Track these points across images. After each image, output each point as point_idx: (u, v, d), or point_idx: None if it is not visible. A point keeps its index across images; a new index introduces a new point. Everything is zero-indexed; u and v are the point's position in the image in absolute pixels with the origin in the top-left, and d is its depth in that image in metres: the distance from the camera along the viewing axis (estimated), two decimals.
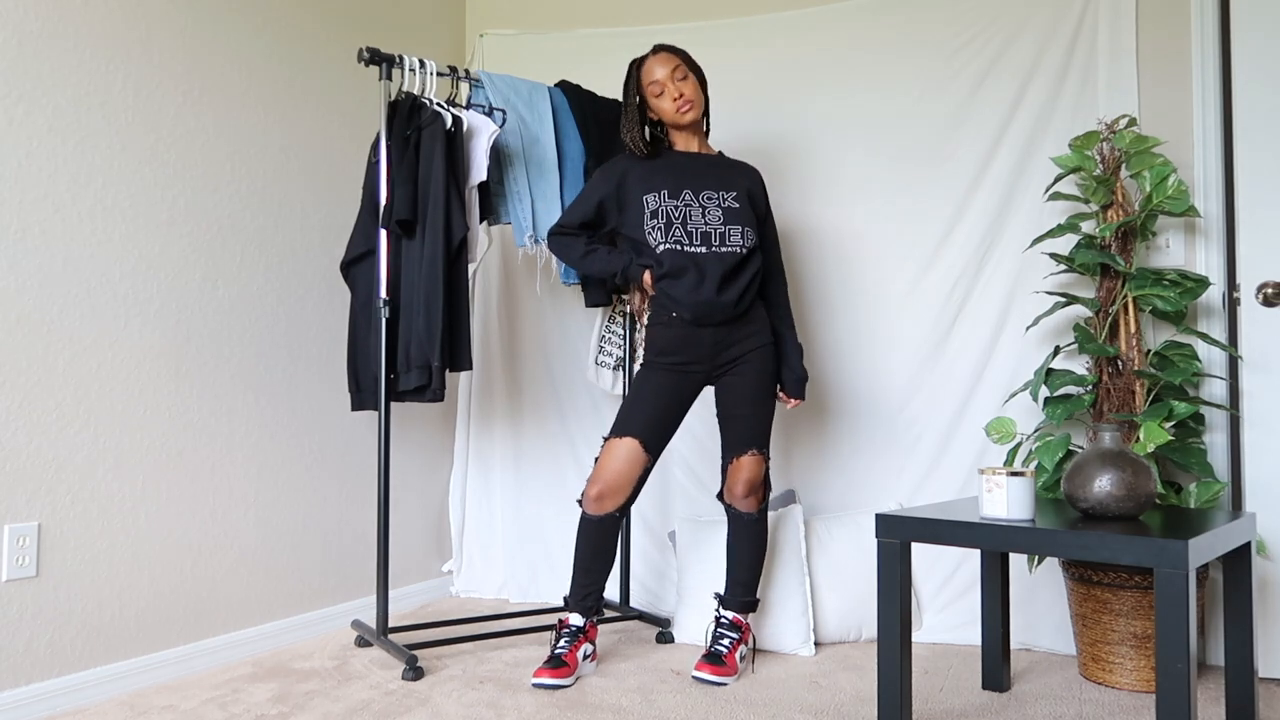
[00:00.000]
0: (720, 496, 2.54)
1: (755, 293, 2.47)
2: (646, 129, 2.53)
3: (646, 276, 2.42)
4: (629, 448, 2.38)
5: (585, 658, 2.44)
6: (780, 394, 2.54)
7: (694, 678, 2.37)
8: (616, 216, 2.50)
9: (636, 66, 2.49)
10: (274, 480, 2.71)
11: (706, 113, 2.56)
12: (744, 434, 2.46)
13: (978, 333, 2.87)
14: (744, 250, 2.42)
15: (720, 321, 2.41)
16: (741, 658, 2.48)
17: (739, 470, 2.46)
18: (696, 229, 2.40)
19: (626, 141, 2.49)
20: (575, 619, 2.44)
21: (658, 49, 2.48)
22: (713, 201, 2.44)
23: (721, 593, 2.58)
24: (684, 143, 2.52)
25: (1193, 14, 2.65)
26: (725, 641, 2.45)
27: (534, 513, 3.36)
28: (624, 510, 2.43)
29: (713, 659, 2.39)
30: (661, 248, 2.39)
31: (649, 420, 2.39)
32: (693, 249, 2.39)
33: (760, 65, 3.19)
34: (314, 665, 2.51)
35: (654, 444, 2.41)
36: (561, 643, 2.40)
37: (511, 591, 3.32)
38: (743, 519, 2.50)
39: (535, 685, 2.31)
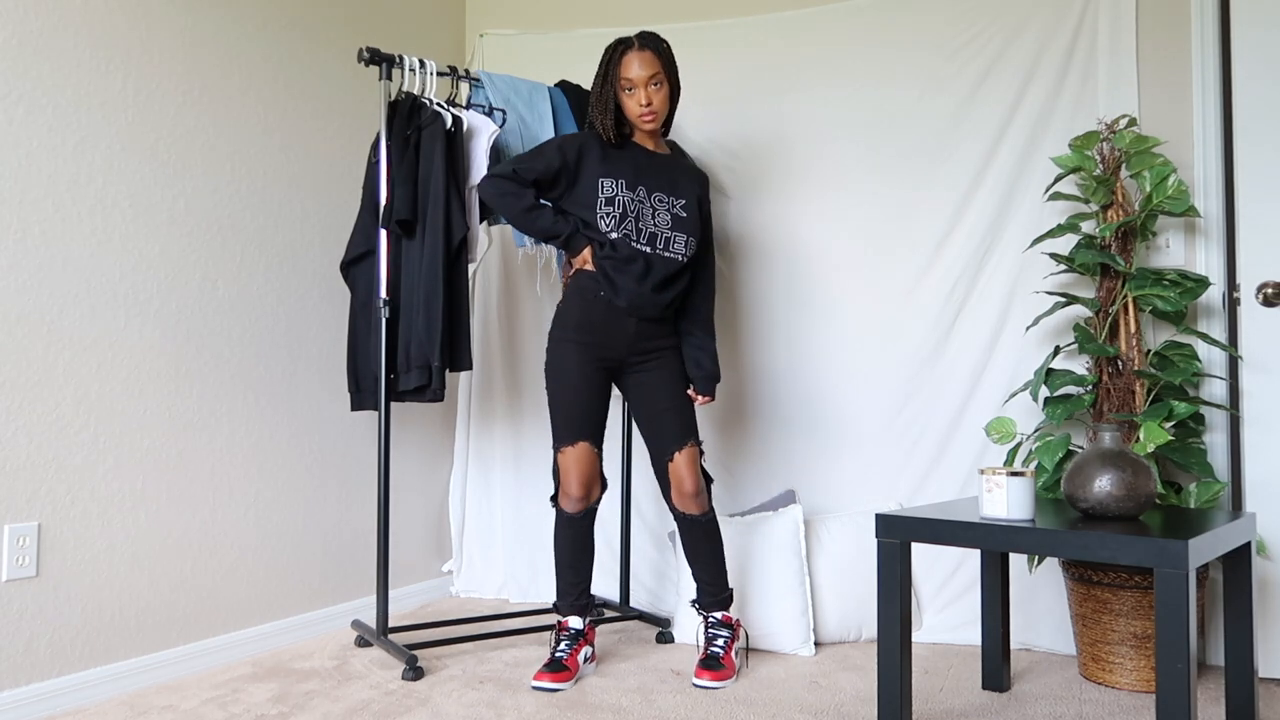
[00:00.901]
0: (670, 506, 2.50)
1: (681, 300, 2.51)
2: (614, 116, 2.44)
3: (587, 251, 2.41)
4: (585, 450, 2.41)
5: (585, 660, 2.44)
6: (690, 391, 2.52)
7: (695, 685, 2.37)
8: (565, 189, 2.41)
9: (619, 53, 2.38)
10: (274, 480, 2.71)
11: (670, 116, 2.51)
12: (675, 427, 2.46)
13: (978, 333, 2.87)
14: (684, 259, 2.44)
15: (648, 317, 2.43)
16: (737, 654, 2.47)
17: (680, 467, 2.44)
18: (645, 228, 2.39)
19: (597, 124, 2.42)
20: (574, 622, 2.44)
21: (643, 44, 2.36)
22: (663, 205, 2.44)
23: (695, 599, 2.54)
24: (640, 138, 2.49)
25: (1193, 14, 2.65)
26: (720, 642, 2.45)
27: (534, 513, 3.36)
28: (599, 501, 2.48)
29: (711, 663, 2.38)
30: (614, 235, 2.38)
31: (591, 422, 2.43)
32: (639, 245, 2.38)
33: (760, 64, 3.19)
34: (314, 665, 2.51)
35: (600, 440, 2.46)
36: (562, 646, 2.40)
37: (511, 591, 3.32)
38: (699, 522, 2.46)
39: (535, 688, 2.32)
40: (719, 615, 2.49)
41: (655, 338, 2.46)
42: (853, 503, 3.01)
